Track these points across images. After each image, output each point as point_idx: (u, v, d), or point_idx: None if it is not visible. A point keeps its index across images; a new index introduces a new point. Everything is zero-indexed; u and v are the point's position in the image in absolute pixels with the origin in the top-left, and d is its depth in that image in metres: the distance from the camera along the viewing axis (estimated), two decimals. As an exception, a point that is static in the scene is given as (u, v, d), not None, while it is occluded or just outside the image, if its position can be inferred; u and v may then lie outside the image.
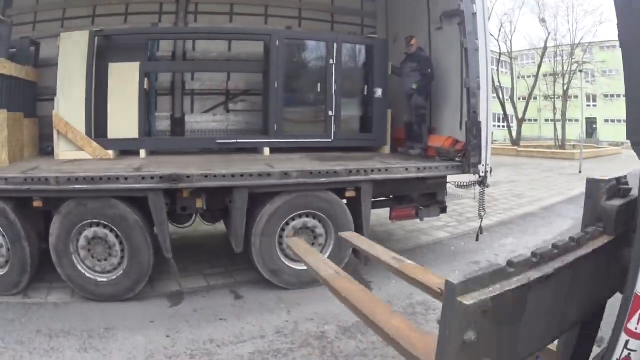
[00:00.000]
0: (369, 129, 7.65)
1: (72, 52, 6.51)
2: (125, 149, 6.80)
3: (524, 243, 7.54)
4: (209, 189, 5.13)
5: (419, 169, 5.94)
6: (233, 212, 5.20)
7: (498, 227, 8.69)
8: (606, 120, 38.26)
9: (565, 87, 25.25)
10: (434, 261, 6.57)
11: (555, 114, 25.93)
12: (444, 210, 6.60)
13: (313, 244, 5.48)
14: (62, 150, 6.45)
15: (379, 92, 7.47)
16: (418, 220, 6.76)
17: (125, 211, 4.93)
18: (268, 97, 7.09)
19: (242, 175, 5.06)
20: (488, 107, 6.25)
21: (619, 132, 27.30)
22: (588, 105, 34.68)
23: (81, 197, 4.85)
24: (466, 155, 6.06)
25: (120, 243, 5.01)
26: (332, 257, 5.32)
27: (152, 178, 4.87)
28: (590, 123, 38.50)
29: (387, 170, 5.78)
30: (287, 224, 5.46)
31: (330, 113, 7.24)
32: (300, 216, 5.51)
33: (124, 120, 6.68)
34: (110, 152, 6.52)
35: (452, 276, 1.46)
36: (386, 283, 5.50)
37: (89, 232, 4.96)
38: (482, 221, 6.51)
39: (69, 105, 6.46)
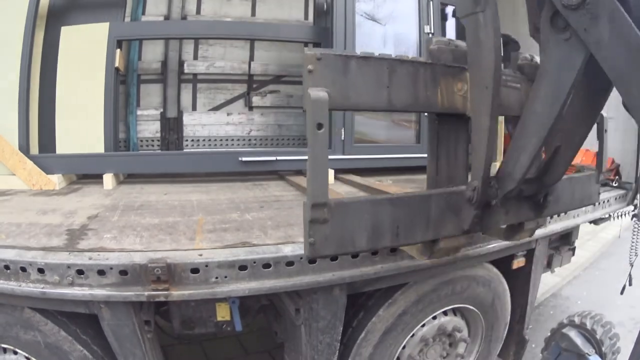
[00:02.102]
0: None
1: (5, 13, 3.85)
2: (81, 172, 4.10)
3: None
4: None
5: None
6: (309, 334, 2.35)
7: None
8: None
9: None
10: None
11: None
12: (574, 253, 4.67)
13: (446, 356, 3.14)
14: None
15: None
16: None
17: (57, 337, 2.19)
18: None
19: (334, 259, 2.12)
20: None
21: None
22: None
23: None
24: (637, 179, 4.11)
25: None
26: None
27: (102, 273, 1.94)
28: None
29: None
30: (413, 335, 2.81)
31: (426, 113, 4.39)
32: (434, 317, 2.88)
33: (81, 124, 4.00)
34: (55, 179, 3.75)
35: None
36: None
37: None
38: (632, 268, 4.29)
39: None
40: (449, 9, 5.07)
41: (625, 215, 4.38)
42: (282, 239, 2.18)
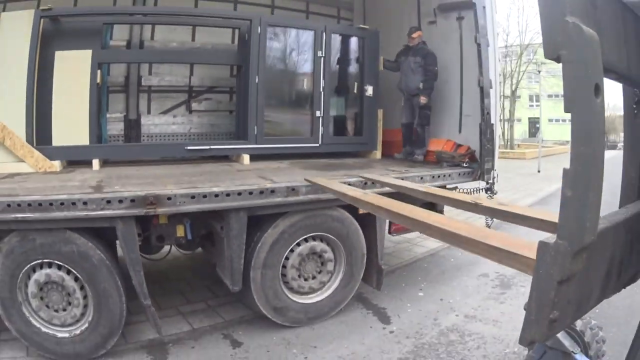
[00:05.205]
0: (358, 132, 6.89)
1: (12, 37, 5.19)
2: (74, 158, 5.55)
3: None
4: (195, 212, 4.07)
5: (433, 177, 5.28)
6: (228, 240, 4.18)
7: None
8: (550, 120, 39.29)
9: (514, 87, 25.74)
10: (441, 276, 6.07)
11: (502, 114, 26.38)
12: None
13: (320, 272, 4.72)
14: (-3, 162, 5.12)
15: (369, 90, 6.69)
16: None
17: (86, 247, 3.78)
18: (246, 95, 6.05)
19: (239, 194, 4.06)
20: (496, 109, 5.78)
21: (563, 131, 28.22)
22: (531, 105, 35.64)
23: (26, 229, 3.65)
24: (480, 160, 5.55)
25: (82, 288, 3.87)
26: (343, 285, 4.79)
27: (121, 202, 3.71)
28: (534, 122, 39.46)
29: (402, 180, 4.90)
30: (292, 250, 4.54)
31: (317, 113, 6.38)
32: (306, 240, 4.61)
33: (72, 123, 5.44)
34: (56, 164, 5.23)
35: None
36: (403, 308, 5.00)
37: (39, 275, 3.77)
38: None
39: (7, 104, 5.14)
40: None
41: (480, 190, 5.72)
42: (213, 186, 4.09)
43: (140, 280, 3.95)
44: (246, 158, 5.89)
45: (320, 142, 6.43)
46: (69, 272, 3.82)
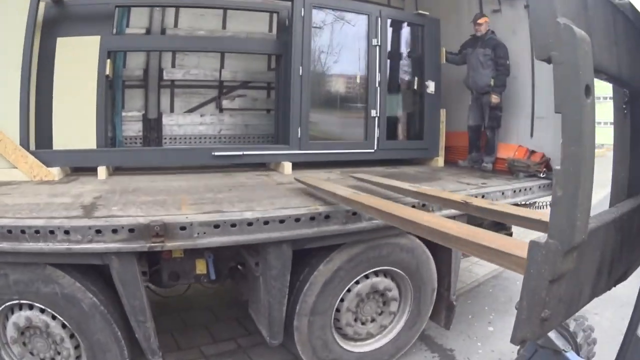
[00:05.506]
0: (418, 135, 5.76)
1: (6, 21, 4.29)
2: (76, 165, 4.62)
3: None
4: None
5: (514, 191, 4.27)
6: (265, 282, 3.08)
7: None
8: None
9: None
10: (509, 305, 5.05)
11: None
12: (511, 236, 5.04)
13: (381, 313, 3.74)
14: (-18, 168, 4.24)
15: (431, 86, 5.63)
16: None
17: (73, 288, 2.82)
18: (287, 90, 4.98)
19: (282, 221, 2.91)
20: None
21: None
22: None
23: (-5, 262, 2.68)
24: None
25: (72, 336, 2.92)
26: (407, 327, 3.88)
27: (115, 231, 2.65)
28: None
29: (483, 196, 3.94)
30: (349, 290, 3.47)
31: (373, 113, 5.26)
32: (366, 276, 3.53)
33: (76, 123, 4.53)
34: (54, 171, 4.28)
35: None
36: (473, 349, 4.22)
37: (18, 318, 2.91)
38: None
39: None
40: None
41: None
42: (245, 208, 2.96)
43: (147, 334, 2.95)
44: (287, 166, 4.79)
45: (375, 148, 5.33)
46: (54, 317, 2.88)
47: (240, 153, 4.82)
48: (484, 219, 3.38)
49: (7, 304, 2.85)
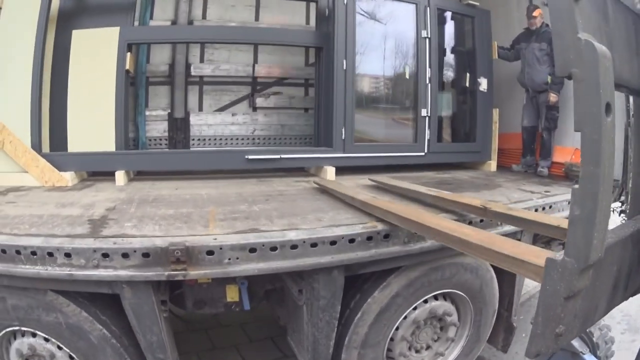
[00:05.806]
0: (470, 137, 5.21)
1: (17, 15, 3.92)
2: (91, 169, 4.19)
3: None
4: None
5: None
6: (311, 313, 2.53)
7: None
8: None
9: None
10: None
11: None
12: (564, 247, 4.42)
13: (437, 339, 3.23)
14: (-9, 172, 3.86)
15: (484, 84, 5.10)
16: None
17: (79, 318, 2.34)
18: (328, 87, 4.44)
19: (333, 243, 2.32)
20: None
21: None
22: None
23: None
24: (624, 176, 4.08)
25: None
26: (464, 354, 3.40)
27: (126, 256, 2.13)
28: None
29: (550, 207, 3.43)
30: (405, 317, 2.91)
31: (423, 112, 4.69)
32: (425, 301, 2.98)
33: (93, 122, 4.11)
34: (68, 176, 3.85)
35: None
36: None
37: (21, 344, 2.50)
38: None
39: (8, 99, 3.88)
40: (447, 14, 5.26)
41: (613, 211, 4.31)
42: (287, 226, 2.38)
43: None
44: (330, 171, 4.24)
45: (426, 151, 4.76)
46: (60, 347, 2.45)
47: (278, 157, 4.28)
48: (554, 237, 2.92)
49: (7, 329, 2.45)
